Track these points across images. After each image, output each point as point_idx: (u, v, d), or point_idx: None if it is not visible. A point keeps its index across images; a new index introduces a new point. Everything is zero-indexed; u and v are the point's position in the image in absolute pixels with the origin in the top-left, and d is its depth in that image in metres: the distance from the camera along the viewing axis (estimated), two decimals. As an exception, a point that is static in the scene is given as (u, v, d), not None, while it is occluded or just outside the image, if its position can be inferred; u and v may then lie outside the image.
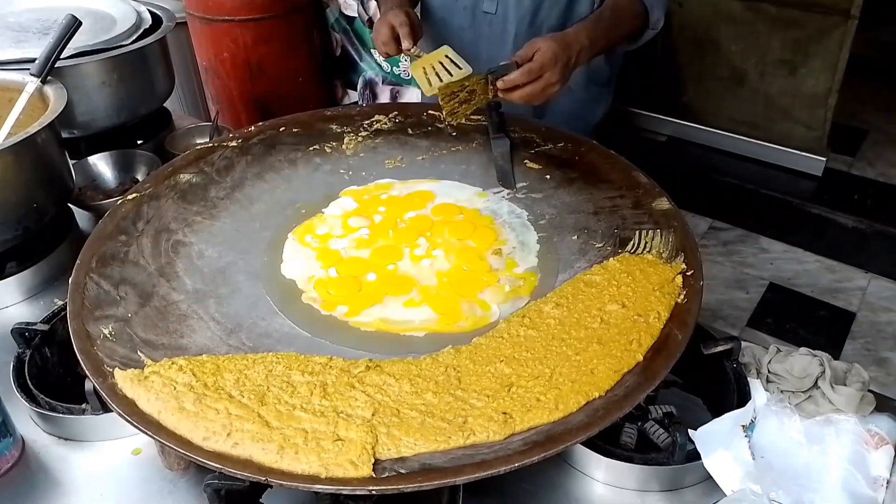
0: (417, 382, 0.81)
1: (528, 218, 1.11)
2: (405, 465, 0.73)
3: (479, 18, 1.41)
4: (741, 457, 0.82)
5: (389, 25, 1.22)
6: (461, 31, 1.43)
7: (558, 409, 0.77)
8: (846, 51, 2.86)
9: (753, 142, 3.25)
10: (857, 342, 2.33)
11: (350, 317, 0.94)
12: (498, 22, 1.40)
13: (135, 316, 0.92)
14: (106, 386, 0.81)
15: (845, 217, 2.90)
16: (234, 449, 0.74)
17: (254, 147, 1.26)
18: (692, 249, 0.98)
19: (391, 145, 1.29)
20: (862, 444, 0.87)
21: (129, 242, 1.04)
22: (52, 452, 0.92)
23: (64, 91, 1.23)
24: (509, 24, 1.39)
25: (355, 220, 1.11)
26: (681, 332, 0.86)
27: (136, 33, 1.49)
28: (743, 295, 2.55)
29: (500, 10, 1.38)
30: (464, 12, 1.41)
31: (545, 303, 0.93)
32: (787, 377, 0.93)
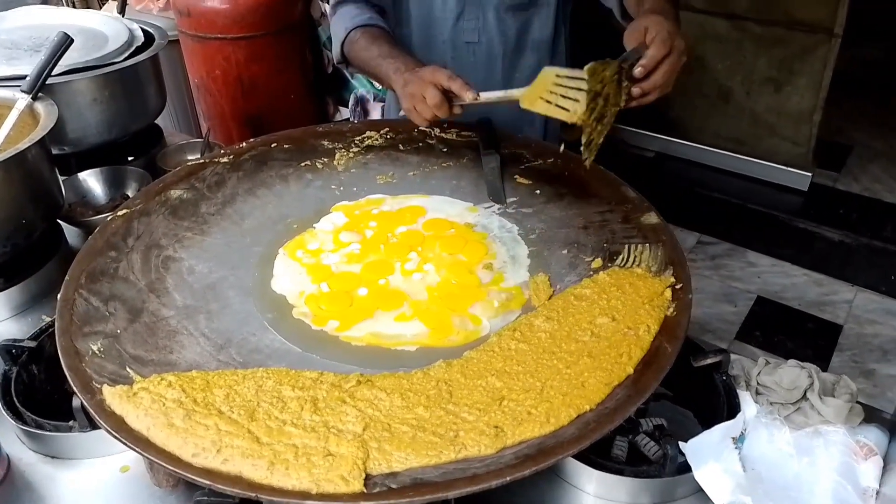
0: (409, 397, 0.81)
1: (519, 232, 1.12)
2: (396, 480, 0.73)
3: (461, 50, 1.38)
4: (732, 469, 0.83)
5: (436, 85, 1.07)
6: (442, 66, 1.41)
7: (549, 422, 0.78)
8: (830, 68, 2.91)
9: (740, 157, 3.29)
10: (845, 354, 2.35)
11: (341, 331, 0.94)
12: (482, 50, 1.38)
13: (124, 332, 0.91)
14: (94, 402, 0.80)
15: (831, 231, 2.94)
16: (223, 465, 0.74)
17: (245, 163, 1.27)
18: (681, 263, 0.98)
19: (382, 161, 1.30)
20: (851, 456, 0.88)
21: (119, 258, 1.03)
22: (39, 471, 0.91)
23: (55, 108, 1.23)
24: (494, 49, 1.38)
25: (346, 235, 1.11)
26: (670, 344, 0.86)
27: (128, 51, 1.50)
28: (731, 308, 2.57)
29: (483, 39, 1.37)
30: (444, 46, 1.38)
31: (536, 316, 0.93)
32: (776, 389, 0.93)
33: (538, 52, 1.41)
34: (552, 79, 0.97)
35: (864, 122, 3.60)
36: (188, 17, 2.51)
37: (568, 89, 0.95)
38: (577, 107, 0.93)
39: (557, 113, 0.96)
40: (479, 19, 1.35)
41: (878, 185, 3.23)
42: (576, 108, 0.94)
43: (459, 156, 1.30)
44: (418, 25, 1.38)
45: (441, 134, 1.35)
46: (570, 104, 0.94)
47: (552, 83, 0.97)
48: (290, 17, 2.61)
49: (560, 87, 0.96)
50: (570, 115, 0.95)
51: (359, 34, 1.31)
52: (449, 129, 1.36)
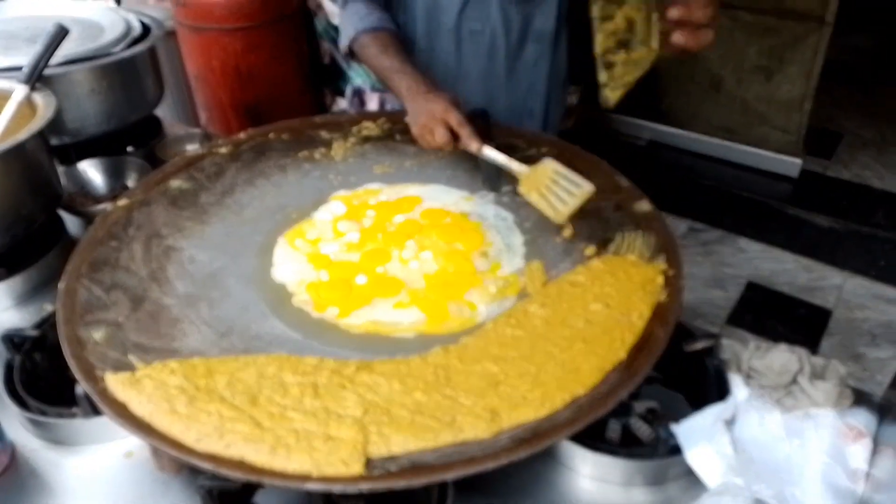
0: (407, 382, 0.83)
1: (514, 221, 1.13)
2: (395, 463, 0.74)
3: (466, 38, 1.39)
4: (723, 451, 0.84)
5: (446, 125, 1.11)
6: (447, 55, 1.41)
7: (544, 406, 0.79)
8: (821, 57, 2.91)
9: (731, 145, 3.30)
10: (834, 338, 2.38)
11: (341, 318, 0.95)
12: (486, 39, 1.39)
13: (126, 320, 0.92)
14: (97, 390, 0.81)
15: (821, 217, 2.96)
16: (226, 450, 0.74)
17: (244, 153, 1.27)
18: (673, 250, 1.00)
19: (379, 151, 1.30)
20: (840, 438, 0.88)
21: (120, 248, 1.04)
22: (44, 457, 0.92)
23: (53, 98, 1.22)
24: (498, 39, 1.38)
25: (345, 224, 1.12)
26: (662, 330, 0.88)
27: (125, 41, 1.49)
28: (722, 293, 2.59)
29: (486, 28, 1.37)
30: (448, 35, 1.39)
31: (531, 303, 0.94)
32: (766, 373, 0.94)
33: (540, 45, 1.41)
34: (550, 173, 1.02)
35: (854, 111, 3.62)
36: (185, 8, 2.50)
37: (561, 189, 1.00)
38: (563, 209, 1.00)
39: (546, 209, 1.01)
40: (483, 8, 1.36)
41: (868, 171, 3.25)
42: (562, 210, 1.00)
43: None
44: (424, 11, 1.39)
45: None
46: (559, 205, 1.00)
47: (549, 178, 1.02)
48: (286, 8, 2.60)
49: (555, 185, 1.01)
50: (555, 214, 1.01)
51: (369, 39, 1.31)
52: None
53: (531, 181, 1.04)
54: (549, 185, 1.02)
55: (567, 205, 0.99)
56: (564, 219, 1.01)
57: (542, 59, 1.44)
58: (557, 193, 1.00)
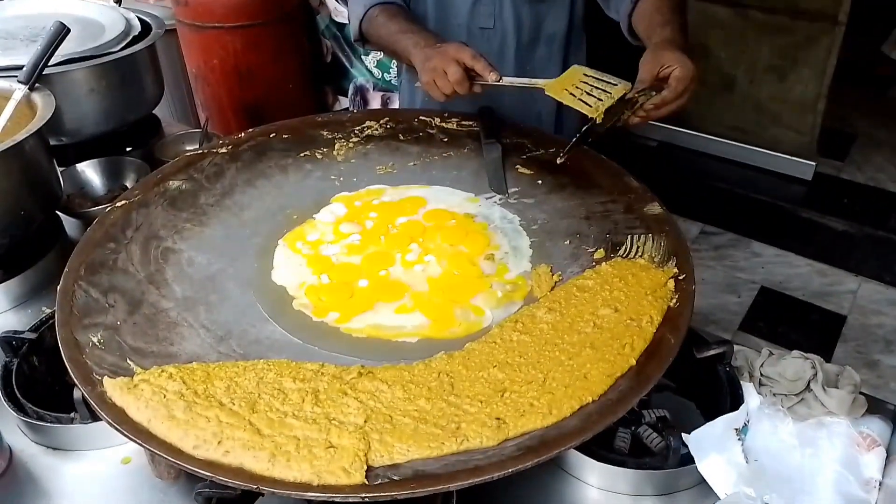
0: (410, 388, 0.81)
1: (521, 223, 1.11)
2: (398, 472, 0.73)
3: (476, 35, 1.37)
4: (735, 460, 0.82)
5: (458, 62, 1.08)
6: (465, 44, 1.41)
7: (552, 413, 0.77)
8: (834, 57, 2.89)
9: (744, 146, 3.28)
10: (849, 345, 2.35)
11: (341, 323, 0.94)
12: (496, 37, 1.38)
13: (124, 324, 0.91)
14: (95, 394, 0.80)
15: (835, 221, 2.93)
16: (225, 457, 0.74)
17: (244, 153, 1.26)
18: (684, 254, 0.98)
19: (382, 151, 1.29)
20: (854, 447, 0.87)
21: (118, 250, 1.03)
22: (41, 462, 0.91)
23: (52, 98, 1.22)
24: (508, 38, 1.37)
25: (347, 226, 1.10)
26: (673, 336, 0.86)
27: (125, 40, 1.49)
28: (735, 299, 2.56)
29: (497, 25, 1.36)
30: (458, 30, 1.38)
31: (538, 308, 0.92)
32: (779, 380, 0.93)
33: (550, 46, 1.40)
34: (580, 76, 1.02)
35: (867, 111, 3.58)
36: (185, 6, 2.49)
37: (593, 88, 1.00)
38: (599, 105, 0.98)
39: (580, 105, 0.99)
40: (495, 5, 1.35)
41: (882, 174, 3.22)
42: (598, 106, 0.98)
43: (460, 145, 1.29)
44: (434, 7, 1.38)
45: (442, 123, 1.34)
46: (592, 101, 0.99)
47: (579, 79, 1.01)
48: (287, 6, 2.59)
49: (586, 85, 1.00)
50: (591, 109, 0.99)
51: (377, 11, 1.31)
52: (450, 118, 1.35)
53: (558, 85, 1.03)
54: (578, 84, 1.01)
55: (602, 101, 0.98)
56: (600, 113, 0.99)
57: (552, 61, 1.42)
58: (590, 92, 1.00)
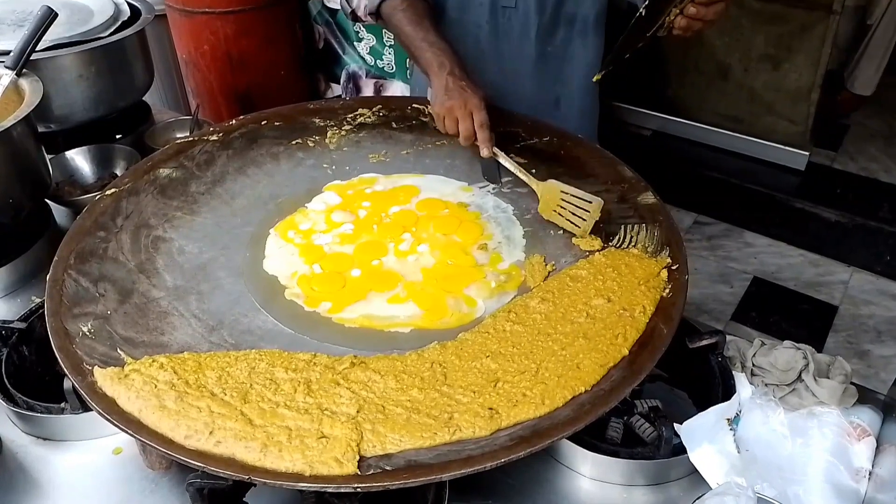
0: (403, 379, 0.81)
1: (514, 212, 1.11)
2: (391, 462, 0.73)
3: (498, 14, 1.35)
4: (726, 450, 0.83)
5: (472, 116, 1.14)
6: (478, 29, 1.36)
7: (544, 404, 0.77)
8: (828, 46, 2.88)
9: (738, 136, 3.28)
10: (840, 335, 2.36)
11: (334, 313, 0.93)
12: (518, 16, 1.35)
13: (114, 313, 0.90)
14: (85, 384, 0.80)
15: (828, 211, 2.94)
16: (216, 447, 0.73)
17: (235, 141, 1.25)
18: (677, 244, 0.98)
19: (375, 139, 1.28)
20: (844, 436, 0.88)
21: (108, 238, 1.02)
22: (31, 453, 0.91)
23: (40, 84, 1.20)
24: (531, 17, 1.34)
25: (339, 215, 1.10)
26: (666, 326, 0.86)
27: (114, 25, 1.47)
28: (727, 289, 2.57)
29: (519, 4, 1.33)
30: (480, 9, 1.35)
31: (531, 298, 0.92)
32: (771, 370, 0.93)
33: (572, 30, 1.37)
34: (558, 193, 1.08)
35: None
36: (175, -9, 2.46)
37: (575, 208, 1.06)
38: (584, 225, 1.04)
39: (570, 227, 1.06)
40: None
41: (875, 164, 3.22)
42: (584, 227, 1.04)
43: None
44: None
45: (435, 112, 1.33)
46: (578, 221, 1.04)
47: (559, 198, 1.07)
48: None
49: (568, 204, 1.06)
50: (580, 231, 1.05)
51: (403, 4, 1.28)
52: (443, 106, 1.33)
53: (546, 206, 1.09)
54: (561, 204, 1.07)
55: (585, 221, 1.04)
56: (586, 234, 1.04)
57: (573, 46, 1.39)
58: (573, 212, 1.06)
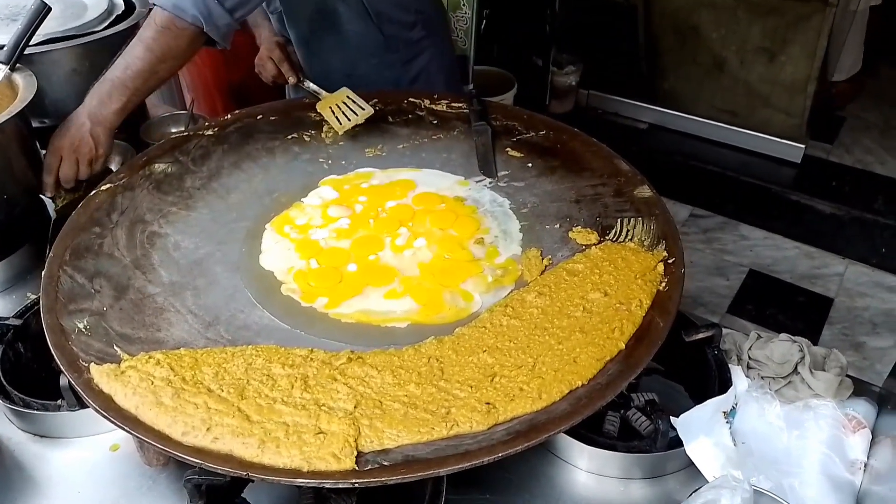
0: (400, 374, 0.81)
1: (510, 206, 1.11)
2: (388, 457, 0.73)
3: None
4: (722, 443, 0.83)
5: (272, 62, 1.47)
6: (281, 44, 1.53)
7: (541, 398, 0.77)
8: (824, 38, 2.88)
9: (733, 129, 3.27)
10: (835, 327, 2.37)
11: (330, 308, 0.93)
12: None
13: (110, 309, 0.90)
14: (81, 381, 0.80)
15: (823, 204, 2.94)
16: (214, 444, 0.73)
17: (230, 136, 1.24)
18: (673, 237, 0.98)
19: (371, 133, 1.27)
20: (840, 429, 0.88)
21: (104, 234, 1.02)
22: (28, 450, 0.91)
23: (33, 79, 1.19)
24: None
25: (335, 209, 1.09)
26: (662, 319, 0.86)
27: (108, 20, 1.46)
28: (723, 282, 2.57)
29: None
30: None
31: (528, 292, 0.92)
32: (767, 363, 0.93)
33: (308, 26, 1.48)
34: (343, 97, 1.30)
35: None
36: (170, -16, 2.44)
37: (348, 109, 1.27)
38: (345, 123, 1.25)
39: (332, 121, 1.26)
40: None
41: (870, 156, 3.23)
42: (344, 124, 1.25)
43: (450, 128, 1.28)
44: None
45: (431, 105, 1.33)
46: (343, 119, 1.25)
47: (342, 99, 1.29)
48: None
49: (345, 106, 1.27)
50: (338, 126, 1.25)
51: None
52: (439, 100, 1.33)
53: (327, 101, 1.29)
54: (339, 105, 1.27)
55: (350, 120, 1.25)
56: (341, 131, 1.24)
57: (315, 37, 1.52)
58: (345, 112, 1.26)
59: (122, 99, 1.16)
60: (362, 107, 1.27)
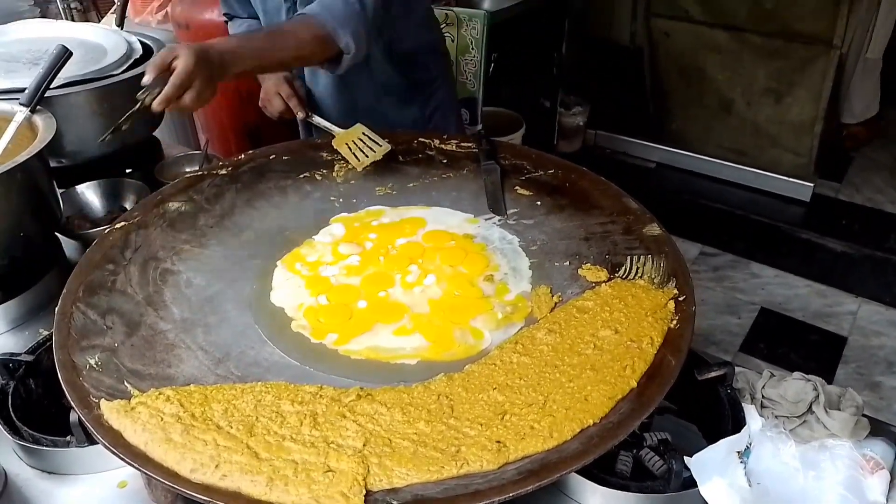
0: (409, 411, 0.80)
1: (520, 244, 1.11)
2: (397, 497, 0.72)
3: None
4: (737, 483, 0.81)
5: (279, 95, 1.47)
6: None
7: (552, 436, 0.77)
8: (830, 80, 2.91)
9: (742, 168, 3.29)
10: (850, 366, 2.34)
11: (340, 345, 0.93)
12: None
13: (121, 346, 0.91)
14: (92, 417, 0.80)
15: (834, 242, 2.93)
16: (222, 481, 0.73)
17: (244, 175, 1.26)
18: (684, 275, 0.98)
19: (382, 172, 1.29)
20: (857, 470, 0.86)
21: (117, 271, 1.03)
22: (36, 486, 0.90)
23: (53, 120, 1.22)
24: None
25: (346, 247, 1.10)
26: (674, 357, 0.85)
27: (127, 63, 1.50)
28: (735, 320, 2.55)
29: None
30: None
31: (538, 329, 0.92)
32: (781, 402, 0.92)
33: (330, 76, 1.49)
34: (359, 133, 1.32)
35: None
36: (187, 30, 2.51)
37: (364, 146, 1.29)
38: (364, 160, 1.28)
39: (350, 158, 1.29)
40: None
41: (880, 195, 3.23)
42: (362, 160, 1.28)
43: (459, 167, 1.29)
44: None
45: (441, 145, 1.35)
46: (360, 156, 1.28)
47: (358, 136, 1.31)
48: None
49: (361, 143, 1.30)
50: (356, 163, 1.28)
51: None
52: (449, 140, 1.35)
53: (343, 137, 1.32)
54: (356, 141, 1.30)
55: (368, 157, 1.27)
56: (360, 167, 1.27)
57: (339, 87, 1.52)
58: (362, 149, 1.28)
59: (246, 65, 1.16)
60: (379, 143, 1.29)
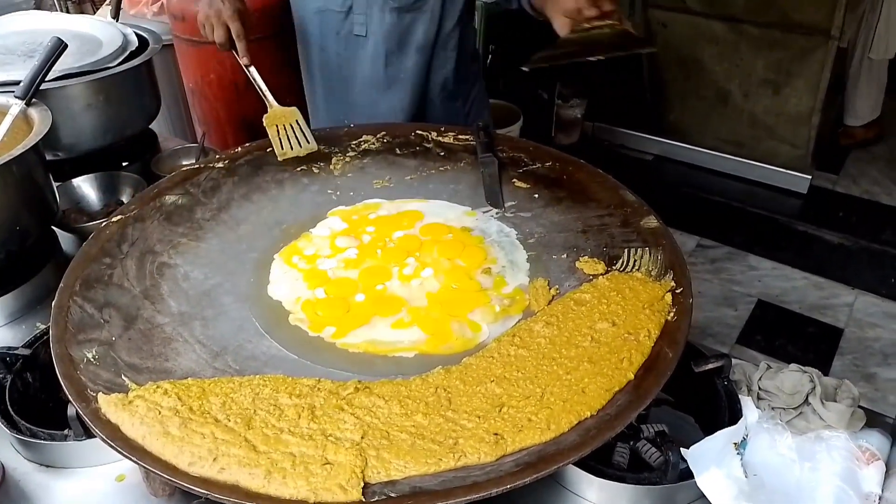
0: (407, 404, 0.80)
1: (517, 237, 1.11)
2: (395, 489, 0.72)
3: (352, 42, 1.49)
4: (734, 475, 0.82)
5: (224, 26, 1.29)
6: (338, 57, 1.53)
7: (550, 429, 0.77)
8: (828, 70, 2.91)
9: (739, 160, 3.29)
10: (846, 358, 2.35)
11: (338, 338, 0.93)
12: (369, 45, 1.48)
13: (119, 339, 0.90)
14: (89, 411, 0.80)
15: (831, 234, 2.94)
16: (220, 474, 0.73)
17: (241, 168, 1.26)
18: (681, 267, 0.98)
19: (379, 165, 1.29)
20: (853, 461, 0.87)
21: (114, 265, 1.03)
22: (34, 480, 0.90)
23: (48, 113, 1.22)
24: (380, 45, 1.47)
25: (343, 240, 1.10)
26: (671, 349, 0.85)
27: (123, 55, 1.49)
28: (732, 312, 2.56)
29: (370, 34, 1.47)
30: (338, 38, 1.50)
31: (535, 322, 0.92)
32: (777, 394, 0.92)
33: (421, 55, 1.50)
34: (292, 118, 1.26)
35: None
36: (182, 22, 2.50)
37: (294, 136, 1.25)
38: (289, 152, 1.23)
39: (275, 142, 1.24)
40: (366, 15, 1.45)
41: (877, 187, 3.23)
42: (287, 152, 1.23)
43: (457, 159, 1.29)
44: (315, 13, 1.50)
45: (438, 137, 1.34)
46: (286, 145, 1.24)
47: (291, 121, 1.26)
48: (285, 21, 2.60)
49: (292, 129, 1.25)
50: (281, 152, 1.24)
51: None
52: (446, 132, 1.35)
53: (276, 116, 1.26)
54: (287, 126, 1.25)
55: (293, 149, 1.23)
56: (283, 158, 1.23)
57: (423, 68, 1.51)
58: (290, 138, 1.23)
59: None
60: (308, 139, 1.26)
